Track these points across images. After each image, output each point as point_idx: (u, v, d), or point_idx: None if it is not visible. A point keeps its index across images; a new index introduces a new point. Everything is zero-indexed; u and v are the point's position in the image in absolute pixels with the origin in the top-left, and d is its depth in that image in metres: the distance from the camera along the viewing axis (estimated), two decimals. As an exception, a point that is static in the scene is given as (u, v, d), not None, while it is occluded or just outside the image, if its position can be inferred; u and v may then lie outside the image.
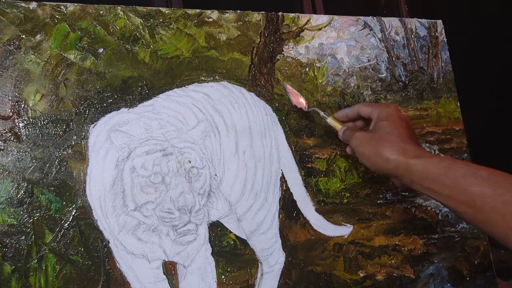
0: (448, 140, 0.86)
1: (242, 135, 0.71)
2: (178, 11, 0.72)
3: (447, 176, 0.54)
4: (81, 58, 0.65)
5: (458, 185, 0.53)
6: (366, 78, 0.82)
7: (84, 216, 0.61)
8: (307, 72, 0.78)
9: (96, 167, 0.62)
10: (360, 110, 0.68)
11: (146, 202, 0.62)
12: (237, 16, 0.75)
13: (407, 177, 0.58)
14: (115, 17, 0.68)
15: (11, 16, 0.62)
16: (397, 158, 0.59)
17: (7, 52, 0.61)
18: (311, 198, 0.73)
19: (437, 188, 0.55)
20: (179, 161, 0.64)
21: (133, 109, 0.66)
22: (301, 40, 0.79)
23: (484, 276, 0.81)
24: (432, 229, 0.80)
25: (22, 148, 0.60)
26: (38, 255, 0.58)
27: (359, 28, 0.84)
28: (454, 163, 0.56)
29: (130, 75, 0.67)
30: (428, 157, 0.58)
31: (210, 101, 0.70)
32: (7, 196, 0.58)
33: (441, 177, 0.55)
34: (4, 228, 0.57)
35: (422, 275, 0.77)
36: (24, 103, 0.61)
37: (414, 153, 0.58)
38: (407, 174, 0.58)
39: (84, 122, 0.63)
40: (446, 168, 0.55)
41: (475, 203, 0.52)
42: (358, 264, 0.74)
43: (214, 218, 0.67)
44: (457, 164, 0.55)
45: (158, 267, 0.63)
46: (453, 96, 0.88)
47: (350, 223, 0.75)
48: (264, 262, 0.69)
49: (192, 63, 0.71)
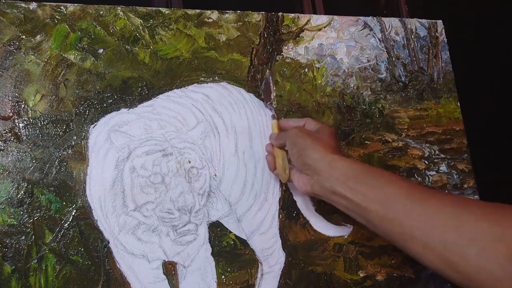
0: (448, 140, 0.86)
1: (241, 136, 0.71)
2: (178, 11, 0.72)
3: (367, 175, 0.56)
4: (81, 59, 0.65)
5: (374, 185, 0.54)
6: (365, 78, 0.82)
7: (84, 216, 0.61)
8: (306, 73, 0.78)
9: (96, 167, 0.62)
10: (307, 123, 0.68)
11: (146, 202, 0.62)
12: (237, 17, 0.75)
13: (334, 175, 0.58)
14: (115, 18, 0.68)
15: (11, 17, 0.63)
16: (331, 155, 0.59)
17: (7, 52, 0.62)
18: (311, 198, 0.73)
19: (360, 187, 0.55)
20: (179, 161, 0.64)
21: (133, 109, 0.66)
22: (301, 40, 0.79)
23: (484, 276, 0.81)
24: (432, 229, 0.80)
25: (22, 148, 0.60)
26: (38, 255, 0.58)
27: (359, 29, 0.84)
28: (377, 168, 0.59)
29: (130, 76, 0.67)
30: (356, 162, 0.60)
31: (209, 102, 0.70)
32: (7, 196, 0.58)
33: (364, 177, 0.56)
34: (4, 228, 0.57)
35: (422, 275, 0.77)
36: (24, 103, 0.61)
37: (345, 158, 0.60)
38: (335, 172, 0.58)
39: (84, 123, 0.63)
40: (367, 168, 0.57)
41: (386, 201, 0.52)
42: (358, 264, 0.74)
43: (214, 218, 0.67)
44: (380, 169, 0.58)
45: (158, 267, 0.64)
46: (453, 96, 0.88)
47: (350, 223, 0.75)
48: (264, 262, 0.69)
49: (191, 64, 0.71)
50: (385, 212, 0.52)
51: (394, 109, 0.83)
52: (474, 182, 0.85)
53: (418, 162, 0.82)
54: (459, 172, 0.85)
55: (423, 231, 0.49)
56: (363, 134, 0.79)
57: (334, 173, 0.57)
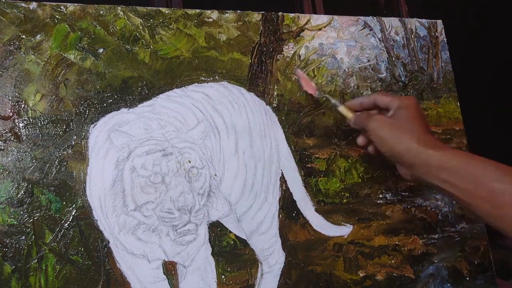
0: (448, 140, 0.86)
1: (241, 135, 0.71)
2: (178, 11, 0.72)
3: (466, 170, 0.54)
4: (81, 58, 0.65)
5: (477, 179, 0.53)
6: (365, 78, 0.82)
7: (84, 216, 0.61)
8: (307, 72, 0.78)
9: (96, 167, 0.62)
10: (377, 99, 0.67)
11: (146, 202, 0.62)
12: (237, 16, 0.75)
13: (423, 168, 0.58)
14: (115, 17, 0.68)
15: (11, 16, 0.62)
16: (417, 147, 0.58)
17: (7, 52, 0.61)
18: (311, 198, 0.73)
19: (455, 181, 0.54)
20: (179, 161, 0.64)
21: (133, 109, 0.66)
22: (301, 40, 0.79)
23: (484, 276, 0.81)
24: (432, 229, 0.80)
25: (22, 148, 0.60)
26: (38, 255, 0.58)
27: (359, 28, 0.84)
28: (473, 157, 0.55)
29: (130, 75, 0.67)
30: (448, 150, 0.58)
31: (210, 101, 0.70)
32: (7, 196, 0.58)
33: (461, 170, 0.54)
34: (4, 228, 0.57)
35: (422, 275, 0.77)
36: (24, 103, 0.61)
37: (434, 144, 0.58)
38: (424, 164, 0.57)
39: (84, 122, 0.63)
40: (466, 161, 0.55)
41: (494, 198, 0.51)
42: (358, 264, 0.74)
43: (214, 218, 0.67)
44: (476, 159, 0.55)
45: (158, 267, 0.64)
46: (453, 96, 0.88)
47: (350, 223, 0.75)
48: (264, 262, 0.69)
49: (192, 63, 0.71)
50: (491, 210, 0.52)
51: (394, 109, 0.83)
52: (474, 182, 0.85)
53: (418, 162, 0.82)
54: (459, 172, 0.85)
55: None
56: (363, 134, 0.79)
57: (429, 168, 0.57)
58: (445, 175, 0.55)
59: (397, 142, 0.60)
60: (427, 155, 0.57)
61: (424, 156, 0.57)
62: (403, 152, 0.59)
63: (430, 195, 0.82)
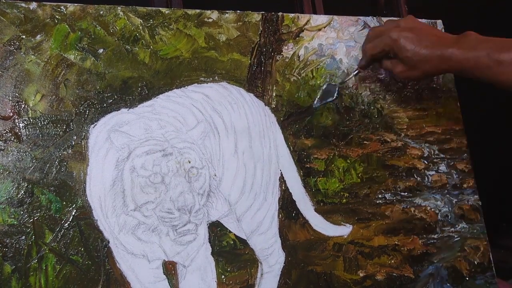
0: (448, 140, 0.86)
1: (241, 136, 0.71)
2: (178, 11, 0.72)
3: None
4: (81, 59, 0.65)
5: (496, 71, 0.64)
6: (365, 78, 0.82)
7: (84, 216, 0.61)
8: (306, 73, 0.78)
9: (96, 167, 0.62)
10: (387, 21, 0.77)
11: (146, 202, 0.63)
12: (236, 17, 0.75)
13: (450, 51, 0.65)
14: (115, 18, 0.68)
15: (11, 17, 0.63)
16: (447, 35, 0.68)
17: (7, 52, 0.62)
18: (310, 198, 0.73)
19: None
20: (179, 161, 0.64)
21: (133, 109, 0.66)
22: (301, 40, 0.79)
23: (484, 276, 0.81)
24: (432, 229, 0.80)
25: (23, 148, 0.60)
26: (38, 255, 0.58)
27: (359, 29, 0.84)
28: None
29: (130, 76, 0.67)
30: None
31: (209, 102, 0.70)
32: (7, 196, 0.58)
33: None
34: (4, 228, 0.57)
35: (422, 275, 0.77)
36: (24, 103, 0.61)
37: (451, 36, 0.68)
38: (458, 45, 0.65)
39: (84, 123, 0.63)
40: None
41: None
42: (358, 264, 0.74)
43: (214, 218, 0.67)
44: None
45: (158, 267, 0.64)
46: (453, 96, 0.88)
47: (350, 223, 0.75)
48: (264, 262, 0.69)
49: (191, 64, 0.71)
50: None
51: (393, 109, 0.83)
52: (473, 182, 0.85)
53: (418, 162, 0.83)
54: (458, 172, 0.85)
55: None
56: (361, 134, 0.79)
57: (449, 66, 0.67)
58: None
59: (427, 35, 0.68)
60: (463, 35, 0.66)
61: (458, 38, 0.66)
62: (434, 40, 0.67)
63: (430, 195, 0.82)
